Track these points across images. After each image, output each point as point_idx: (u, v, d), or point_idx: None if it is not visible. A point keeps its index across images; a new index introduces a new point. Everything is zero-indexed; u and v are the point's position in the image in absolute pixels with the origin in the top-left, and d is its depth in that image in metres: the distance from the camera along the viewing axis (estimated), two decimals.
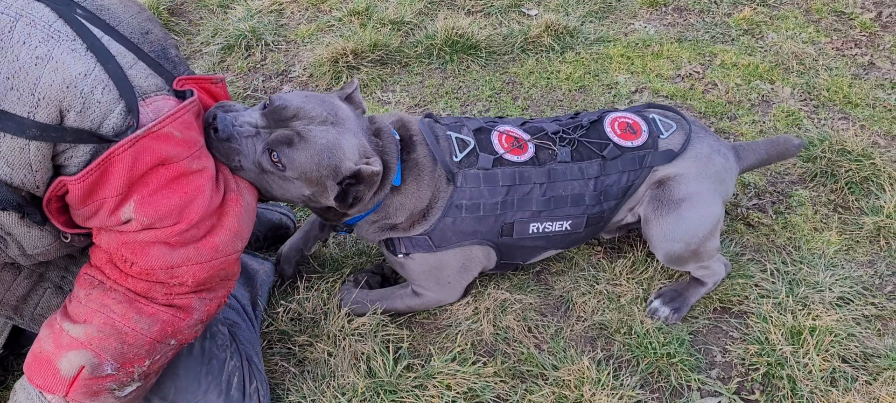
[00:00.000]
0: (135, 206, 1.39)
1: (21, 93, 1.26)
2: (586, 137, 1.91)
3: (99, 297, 1.47)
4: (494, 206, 1.85)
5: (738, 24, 3.27)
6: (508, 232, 1.89)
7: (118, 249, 1.44)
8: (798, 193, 2.41)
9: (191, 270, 1.49)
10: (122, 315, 1.46)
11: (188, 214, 1.44)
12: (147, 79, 1.43)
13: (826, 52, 3.08)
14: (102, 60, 1.34)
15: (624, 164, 1.89)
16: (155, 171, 1.39)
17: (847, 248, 2.22)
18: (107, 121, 1.33)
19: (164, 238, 1.44)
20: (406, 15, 3.33)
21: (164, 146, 1.39)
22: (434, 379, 1.84)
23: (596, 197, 1.89)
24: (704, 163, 1.93)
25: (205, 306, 1.58)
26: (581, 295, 2.10)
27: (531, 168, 1.85)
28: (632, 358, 1.93)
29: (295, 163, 1.62)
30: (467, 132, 1.88)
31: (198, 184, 1.47)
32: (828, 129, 2.63)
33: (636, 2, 3.49)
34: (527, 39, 3.18)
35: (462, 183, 1.83)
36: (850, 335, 1.92)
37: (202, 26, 3.40)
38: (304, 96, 1.69)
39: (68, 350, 1.44)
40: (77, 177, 1.33)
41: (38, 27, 1.29)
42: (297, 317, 2.05)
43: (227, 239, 1.53)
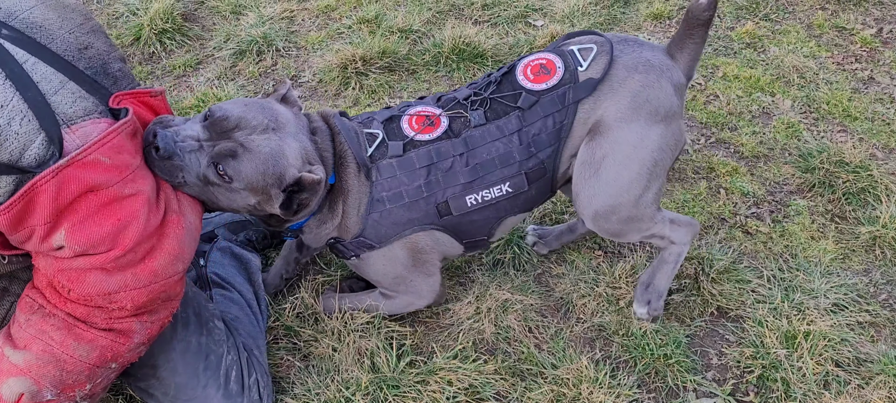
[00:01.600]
0: (65, 234, 1.36)
1: None
2: (498, 93, 1.82)
3: (38, 323, 1.46)
4: (418, 190, 1.79)
5: (741, 38, 3.33)
6: (446, 210, 1.83)
7: (55, 275, 1.42)
8: (796, 203, 2.46)
9: (129, 295, 1.46)
10: (61, 342, 1.45)
11: (122, 240, 1.41)
12: (75, 103, 1.39)
13: (827, 66, 3.13)
14: (21, 89, 1.31)
15: (544, 108, 1.78)
16: (84, 198, 1.36)
17: (843, 257, 2.26)
18: (27, 151, 1.31)
19: (99, 264, 1.41)
20: (414, 23, 3.40)
21: (90, 173, 1.35)
22: (436, 375, 1.89)
23: (525, 150, 1.80)
24: (630, 91, 1.76)
25: (146, 329, 1.55)
26: (581, 298, 2.14)
27: (446, 142, 1.79)
28: (629, 359, 1.98)
29: (241, 174, 1.61)
30: (376, 125, 1.84)
31: (132, 208, 1.43)
32: (827, 141, 2.68)
33: (641, 15, 3.55)
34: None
35: (377, 176, 1.79)
36: (844, 340, 1.96)
37: (215, 32, 3.47)
38: (243, 104, 1.68)
39: (8, 377, 1.45)
40: (1, 207, 1.30)
41: None
42: (302, 313, 2.10)
43: (166, 262, 1.50)
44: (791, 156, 2.65)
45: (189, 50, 3.37)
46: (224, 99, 2.88)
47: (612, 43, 1.81)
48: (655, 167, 1.81)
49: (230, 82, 3.10)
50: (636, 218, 1.86)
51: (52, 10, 1.48)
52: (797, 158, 2.63)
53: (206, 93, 2.92)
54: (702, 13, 1.77)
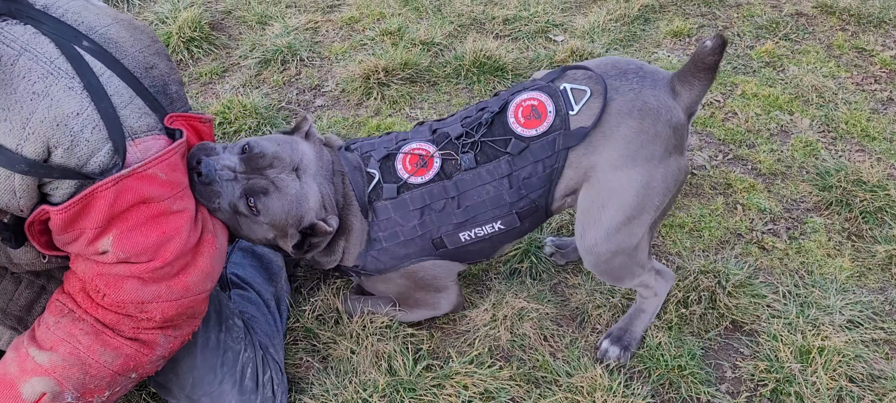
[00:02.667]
0: (113, 240, 1.43)
1: (13, 126, 1.31)
2: (489, 135, 1.81)
3: (67, 326, 1.51)
4: (413, 229, 1.86)
5: (760, 57, 3.35)
6: (441, 244, 1.89)
7: (93, 279, 1.49)
8: (812, 220, 2.47)
9: (160, 307, 1.53)
10: (88, 346, 1.50)
11: (163, 252, 1.48)
12: (140, 118, 1.47)
13: (846, 86, 3.14)
14: (96, 100, 1.38)
15: (534, 154, 1.78)
16: (136, 209, 1.44)
17: (859, 275, 2.27)
18: (93, 158, 1.38)
19: (137, 273, 1.48)
20: (436, 36, 3.46)
21: (147, 186, 1.43)
22: (452, 380, 1.92)
23: (516, 193, 1.81)
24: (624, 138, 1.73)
25: (169, 343, 1.61)
26: (596, 308, 2.17)
27: (438, 184, 1.83)
28: (644, 369, 2.00)
29: (268, 210, 1.73)
30: (373, 164, 1.89)
31: (176, 224, 1.51)
32: (845, 160, 2.69)
33: (661, 32, 3.59)
34: (552, 63, 3.28)
35: (373, 217, 1.87)
36: (858, 356, 1.97)
37: (241, 41, 3.54)
38: (277, 143, 1.79)
39: (32, 376, 1.48)
40: (59, 207, 1.37)
41: (40, 62, 1.33)
42: (321, 315, 2.14)
43: (198, 279, 1.57)
44: (808, 175, 2.66)
45: (216, 58, 3.44)
46: (249, 106, 2.94)
47: (606, 84, 1.75)
48: (656, 211, 1.81)
49: (255, 90, 3.17)
50: (634, 263, 1.88)
51: (125, 29, 1.55)
52: (815, 176, 2.64)
53: (232, 101, 2.99)
54: (707, 57, 1.72)
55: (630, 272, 1.91)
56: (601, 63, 1.84)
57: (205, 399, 1.78)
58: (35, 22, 1.38)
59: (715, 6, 3.79)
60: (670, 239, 2.40)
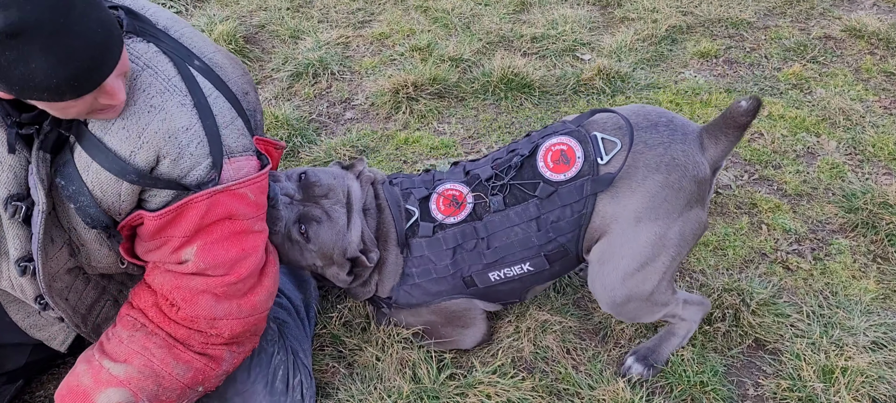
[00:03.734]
0: (196, 250, 1.52)
1: (129, 134, 1.42)
2: (518, 178, 1.86)
3: (141, 340, 1.58)
4: (446, 268, 1.92)
5: (788, 79, 3.36)
6: (472, 283, 1.95)
7: (170, 292, 1.57)
8: (838, 242, 2.47)
9: (230, 324, 1.62)
10: (162, 359, 1.57)
11: (239, 268, 1.58)
12: (237, 139, 1.57)
13: (873, 109, 3.14)
14: (203, 117, 1.49)
15: (563, 198, 1.82)
16: (222, 223, 1.53)
17: (884, 297, 2.27)
18: (194, 171, 1.48)
19: (212, 287, 1.56)
20: (465, 53, 3.51)
21: (236, 203, 1.54)
22: (475, 389, 1.95)
23: (544, 235, 1.85)
24: (649, 192, 1.77)
25: (233, 359, 1.70)
26: (619, 323, 2.19)
27: (469, 225, 1.89)
28: (666, 384, 2.01)
29: (319, 239, 1.82)
30: (413, 201, 1.97)
31: (255, 243, 1.61)
32: (871, 183, 2.69)
33: (688, 52, 3.61)
34: (579, 81, 3.32)
35: (408, 253, 1.94)
36: (881, 377, 1.97)
37: (274, 54, 3.63)
38: (332, 176, 1.90)
39: (108, 387, 1.54)
40: (155, 214, 1.48)
41: (159, 78, 1.46)
42: (348, 323, 2.19)
43: (264, 297, 1.67)
44: (834, 196, 2.67)
45: (249, 70, 3.51)
46: (281, 118, 3.01)
47: (635, 136, 1.79)
48: (672, 262, 1.84)
49: (287, 102, 3.24)
50: (651, 304, 1.91)
51: (225, 57, 1.67)
52: (841, 198, 2.64)
53: (264, 112, 3.05)
54: (740, 117, 1.76)
55: (648, 312, 1.95)
56: (631, 111, 1.87)
57: (236, 398, 1.83)
58: (156, 40, 1.50)
59: (743, 28, 3.81)
60: (694, 256, 2.42)
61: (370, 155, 2.92)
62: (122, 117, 1.42)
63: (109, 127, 1.42)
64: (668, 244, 1.80)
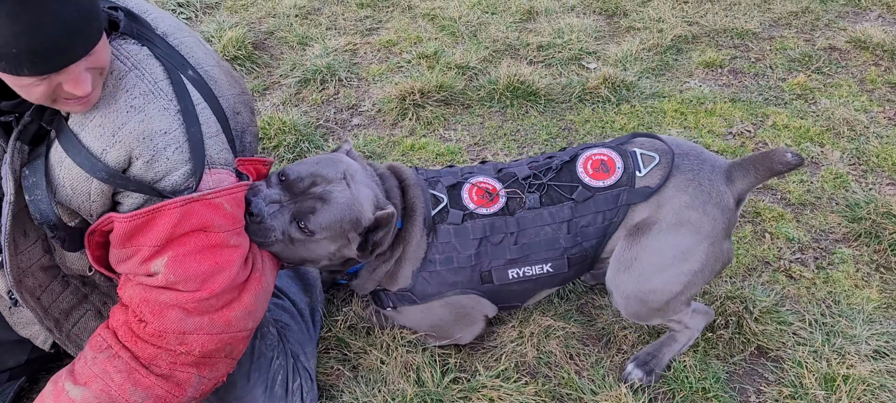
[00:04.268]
0: (167, 262, 1.46)
1: (104, 132, 1.41)
2: (556, 181, 1.90)
3: (103, 363, 1.52)
4: (468, 258, 1.89)
5: (792, 89, 3.37)
6: (488, 279, 1.92)
7: (138, 305, 1.50)
8: (841, 251, 2.48)
9: (200, 339, 1.54)
10: (120, 385, 1.50)
11: (211, 283, 1.51)
12: (220, 152, 1.55)
13: (878, 120, 3.15)
14: (188, 123, 1.47)
15: (598, 205, 1.88)
16: (195, 235, 1.48)
17: (886, 306, 2.28)
18: (169, 177, 1.46)
19: (182, 302, 1.50)
20: (471, 61, 3.54)
21: (211, 214, 1.49)
22: (479, 393, 1.97)
23: (572, 239, 1.89)
24: (675, 209, 1.85)
25: (201, 385, 1.61)
26: (622, 329, 2.20)
27: (500, 218, 1.88)
28: (668, 391, 2.02)
29: (321, 225, 1.73)
30: (441, 189, 1.94)
31: (230, 257, 1.54)
32: (875, 193, 2.70)
33: (693, 62, 3.63)
34: (585, 90, 3.34)
35: (433, 239, 1.90)
36: (883, 386, 1.98)
37: (282, 61, 3.66)
38: (315, 162, 1.82)
39: None
40: (125, 216, 1.44)
41: (145, 81, 1.45)
42: (353, 326, 2.21)
43: (240, 315, 1.58)
44: (838, 206, 2.68)
45: (257, 76, 3.56)
46: (288, 123, 3.04)
47: (674, 155, 1.89)
48: (692, 279, 1.89)
49: (294, 108, 3.27)
50: (664, 313, 1.95)
51: (224, 73, 1.66)
52: (844, 208, 2.66)
53: (272, 118, 3.09)
54: (779, 164, 1.86)
55: (659, 316, 1.97)
56: (667, 139, 1.97)
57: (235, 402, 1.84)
58: (151, 44, 1.50)
59: (748, 38, 3.83)
60: None
61: (377, 160, 2.94)
62: (101, 115, 1.41)
63: (87, 123, 1.42)
64: (691, 260, 1.86)
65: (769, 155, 1.87)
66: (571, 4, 4.21)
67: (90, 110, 1.42)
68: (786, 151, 1.84)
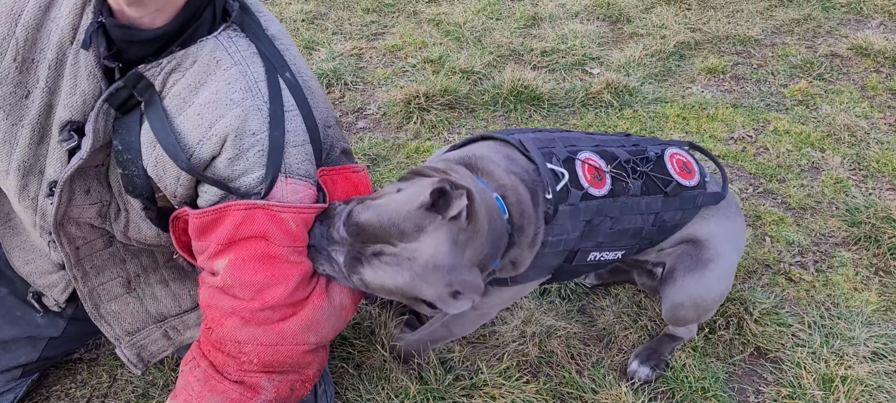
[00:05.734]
0: (227, 264, 1.46)
1: (202, 121, 1.41)
2: (654, 171, 1.86)
3: (186, 375, 1.56)
4: (572, 242, 1.75)
5: (794, 95, 3.40)
6: (571, 259, 1.80)
7: (206, 310, 1.53)
8: (840, 254, 2.51)
9: (256, 350, 1.51)
10: (198, 393, 1.53)
11: (266, 295, 1.47)
12: (302, 163, 1.49)
13: (878, 126, 3.18)
14: (272, 127, 1.44)
15: (681, 202, 1.87)
16: (255, 241, 1.45)
17: (885, 309, 2.30)
18: (244, 177, 1.44)
19: (239, 310, 1.48)
20: (476, 65, 3.58)
21: (273, 226, 1.44)
22: (481, 391, 1.99)
23: (652, 231, 1.87)
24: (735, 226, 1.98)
25: (274, 387, 1.57)
26: (623, 330, 2.23)
27: (608, 202, 1.77)
28: (668, 390, 2.05)
29: (372, 285, 1.50)
30: (557, 162, 1.74)
31: (287, 271, 1.48)
32: (875, 198, 2.73)
33: (695, 68, 3.66)
34: (588, 95, 3.38)
35: (554, 221, 1.69)
36: (880, 387, 2.00)
37: None
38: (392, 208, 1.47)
39: None
40: (196, 212, 1.44)
41: (247, 78, 1.43)
42: (357, 325, 2.24)
43: (296, 329, 1.53)
44: (838, 210, 2.71)
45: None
46: None
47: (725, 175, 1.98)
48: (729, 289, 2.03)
49: None
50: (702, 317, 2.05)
51: (320, 87, 1.64)
52: (844, 212, 2.68)
53: None
54: None
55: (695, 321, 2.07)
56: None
57: None
58: (258, 41, 1.49)
59: (750, 45, 3.86)
60: None
61: (381, 163, 2.98)
62: (201, 103, 1.40)
63: (186, 108, 1.41)
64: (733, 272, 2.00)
65: None
66: (575, 11, 4.25)
67: (190, 95, 1.42)
68: None
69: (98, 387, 2.04)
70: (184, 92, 1.42)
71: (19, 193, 1.57)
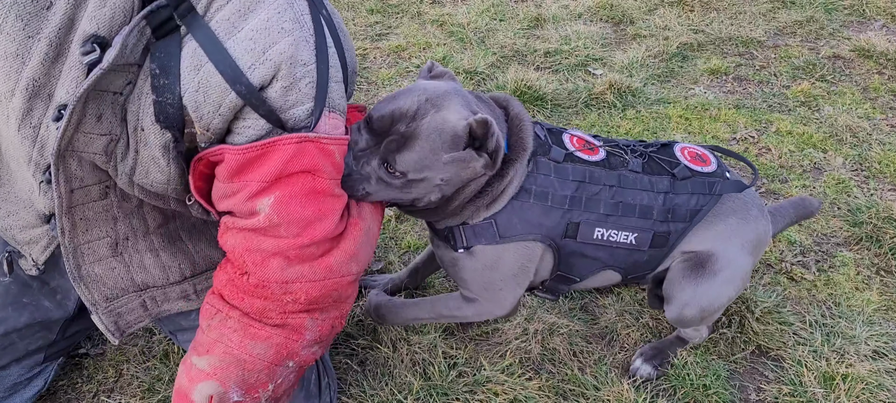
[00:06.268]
0: (273, 201, 1.42)
1: (255, 46, 1.36)
2: (657, 155, 1.88)
3: (217, 328, 1.53)
4: (563, 200, 1.75)
5: (796, 96, 3.42)
6: (573, 232, 1.79)
7: (241, 255, 1.48)
8: (842, 254, 2.52)
9: (304, 287, 1.51)
10: (238, 343, 1.51)
11: (312, 230, 1.47)
12: (340, 100, 1.50)
13: (880, 127, 3.19)
14: (320, 61, 1.42)
15: (694, 186, 1.85)
16: (303, 176, 1.44)
17: (886, 308, 2.31)
18: (295, 109, 1.41)
19: (284, 249, 1.47)
20: (479, 66, 3.60)
21: (321, 158, 1.45)
22: (484, 387, 2.01)
23: (664, 213, 1.83)
24: (753, 228, 1.94)
25: (317, 326, 1.59)
26: (625, 328, 2.24)
27: (601, 170, 1.79)
28: (669, 387, 2.06)
29: (409, 163, 1.59)
30: (540, 129, 1.83)
31: (332, 206, 1.51)
32: (876, 198, 2.74)
33: (698, 69, 3.68)
34: (591, 95, 3.39)
35: (534, 169, 1.76)
36: (881, 385, 2.01)
37: None
38: (393, 98, 1.66)
39: (199, 382, 1.51)
40: (238, 148, 1.39)
41: (294, 10, 1.40)
42: (361, 321, 2.26)
43: (342, 260, 1.55)
44: (840, 211, 2.72)
45: None
46: None
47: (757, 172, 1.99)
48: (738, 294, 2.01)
49: None
50: (707, 320, 2.04)
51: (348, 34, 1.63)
52: (846, 213, 2.69)
53: None
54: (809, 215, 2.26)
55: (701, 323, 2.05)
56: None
57: None
58: None
59: (753, 47, 3.88)
60: None
61: None
62: (251, 29, 1.37)
63: (236, 33, 1.37)
64: (745, 277, 1.98)
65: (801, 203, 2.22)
66: (579, 12, 4.27)
67: (238, 21, 1.38)
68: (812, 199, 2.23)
69: (104, 382, 2.06)
70: (232, 17, 1.38)
71: (21, 119, 1.45)
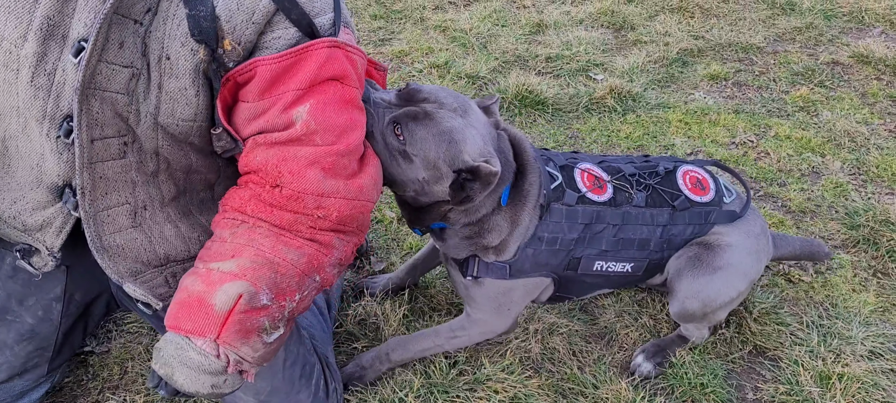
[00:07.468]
0: (309, 108, 1.43)
1: None
2: (661, 185, 1.95)
3: (246, 233, 1.47)
4: (570, 242, 1.86)
5: (795, 102, 3.45)
6: (574, 266, 1.90)
7: (276, 166, 1.46)
8: (839, 256, 2.55)
9: (337, 204, 1.50)
10: (271, 247, 1.45)
11: (347, 138, 1.49)
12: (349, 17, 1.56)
13: (878, 132, 3.22)
14: None
15: (691, 217, 1.95)
16: (332, 84, 1.46)
17: (883, 310, 2.34)
18: (322, 16, 1.46)
19: (321, 157, 1.46)
20: (481, 70, 3.63)
21: (349, 66, 1.48)
22: (484, 385, 2.03)
23: (661, 244, 1.94)
24: (753, 240, 2.02)
25: (343, 246, 1.57)
26: (624, 328, 2.27)
27: (608, 209, 1.87)
28: (667, 386, 2.09)
29: (415, 137, 1.63)
30: (554, 167, 1.90)
31: (359, 118, 1.55)
32: (874, 202, 2.77)
33: (698, 74, 3.71)
34: (592, 100, 3.43)
35: (547, 217, 1.83)
36: (877, 384, 2.03)
37: None
38: (440, 87, 1.73)
39: (223, 284, 1.40)
40: (272, 57, 1.39)
41: None
42: (363, 321, 2.28)
43: (370, 184, 1.57)
44: (837, 214, 2.74)
45: None
46: None
47: (749, 197, 2.07)
48: (740, 297, 2.08)
49: None
50: (708, 318, 2.09)
51: None
52: (843, 216, 2.72)
53: None
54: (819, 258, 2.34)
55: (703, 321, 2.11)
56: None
57: None
58: None
59: (752, 52, 3.91)
60: None
61: None
62: None
63: None
64: (747, 280, 2.04)
65: (812, 246, 2.30)
66: (580, 18, 4.31)
67: None
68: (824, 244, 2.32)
69: (109, 379, 2.09)
70: None
71: (36, 66, 1.38)
